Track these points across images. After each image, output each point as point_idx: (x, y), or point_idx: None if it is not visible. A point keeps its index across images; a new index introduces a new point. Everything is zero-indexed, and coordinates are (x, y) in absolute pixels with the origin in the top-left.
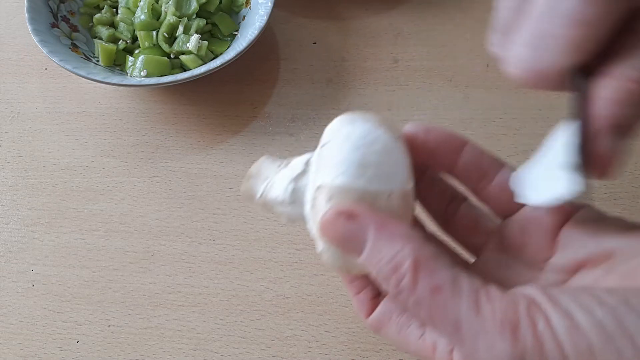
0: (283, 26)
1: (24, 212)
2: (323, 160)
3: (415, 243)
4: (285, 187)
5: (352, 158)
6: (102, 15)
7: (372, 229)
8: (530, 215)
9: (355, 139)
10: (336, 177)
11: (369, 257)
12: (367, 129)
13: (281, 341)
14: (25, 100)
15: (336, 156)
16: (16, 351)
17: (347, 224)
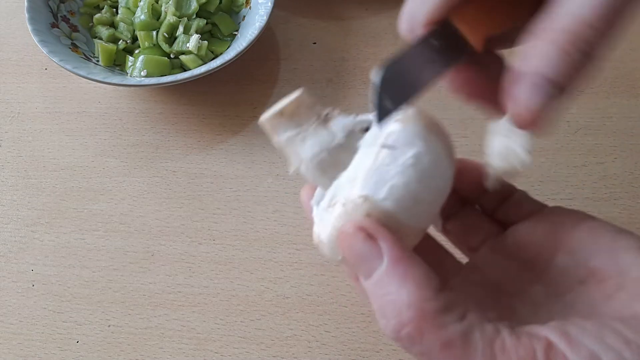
0: (283, 26)
1: (24, 212)
2: (379, 168)
3: (427, 292)
4: (316, 154)
5: (412, 189)
6: (102, 15)
7: (388, 259)
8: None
9: (423, 168)
10: (386, 199)
11: (374, 287)
12: (438, 158)
13: (281, 341)
14: (25, 100)
15: (396, 177)
16: (16, 351)
17: (365, 243)
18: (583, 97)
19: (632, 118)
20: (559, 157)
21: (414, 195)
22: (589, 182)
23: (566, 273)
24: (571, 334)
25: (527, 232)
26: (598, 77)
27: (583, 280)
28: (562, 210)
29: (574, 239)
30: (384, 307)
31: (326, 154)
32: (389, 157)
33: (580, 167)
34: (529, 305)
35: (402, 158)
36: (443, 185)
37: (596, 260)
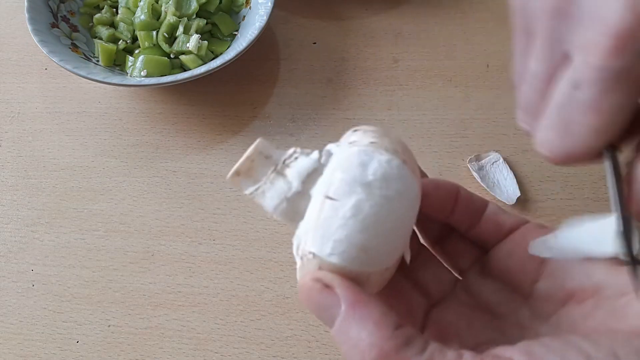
0: (283, 26)
1: (24, 212)
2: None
3: (385, 331)
4: (277, 205)
5: (355, 241)
6: (102, 15)
7: (345, 305)
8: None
9: (365, 216)
10: (332, 255)
11: (337, 333)
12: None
13: (281, 341)
14: (25, 100)
15: (338, 231)
16: (16, 351)
17: (322, 294)
18: None
19: None
20: None
21: (359, 246)
22: (589, 182)
23: (549, 296)
24: (535, 353)
25: (508, 256)
26: None
27: (564, 302)
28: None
29: (552, 262)
30: (349, 351)
31: (286, 203)
32: (330, 208)
33: (580, 167)
34: (517, 327)
35: (341, 210)
36: (396, 224)
37: (573, 282)
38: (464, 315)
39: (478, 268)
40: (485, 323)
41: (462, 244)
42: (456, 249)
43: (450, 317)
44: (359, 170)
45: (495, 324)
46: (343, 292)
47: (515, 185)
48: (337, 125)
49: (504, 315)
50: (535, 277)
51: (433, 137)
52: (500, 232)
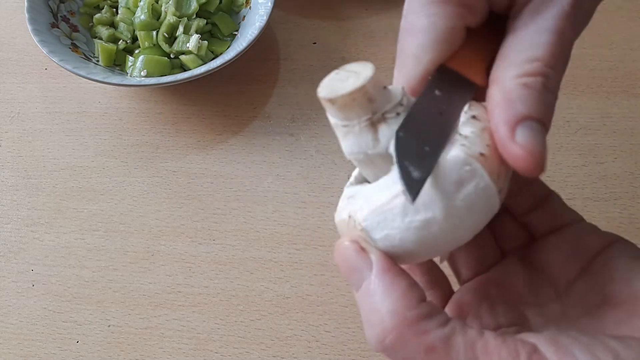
0: (283, 26)
1: (24, 212)
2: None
3: (410, 301)
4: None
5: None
6: (102, 15)
7: (376, 270)
8: (570, 235)
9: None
10: (380, 241)
11: (362, 297)
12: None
13: (281, 341)
14: (25, 100)
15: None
16: (16, 351)
17: (355, 255)
18: (583, 97)
19: (632, 118)
20: (559, 157)
21: (407, 250)
22: (589, 182)
23: (584, 297)
24: (561, 342)
25: (554, 249)
26: (598, 77)
27: (598, 305)
28: (592, 231)
29: (596, 263)
30: (370, 316)
31: (364, 156)
32: (401, 205)
33: (580, 167)
34: (543, 319)
35: (410, 216)
36: (452, 245)
37: (612, 286)
38: (488, 296)
39: (522, 253)
40: (511, 306)
41: (513, 226)
42: (505, 229)
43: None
44: (452, 188)
45: (521, 309)
46: (377, 258)
47: None
48: None
49: (533, 305)
50: (575, 276)
51: None
52: (554, 223)
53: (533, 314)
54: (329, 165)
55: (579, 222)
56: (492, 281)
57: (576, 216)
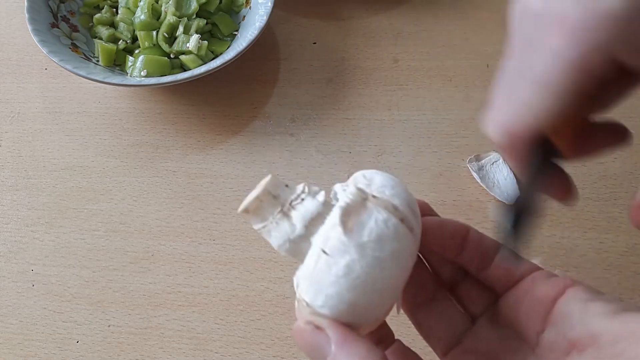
0: (283, 26)
1: (24, 212)
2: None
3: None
4: (281, 244)
5: (345, 299)
6: (102, 15)
7: (334, 344)
8: (527, 288)
9: (356, 276)
10: (323, 307)
11: None
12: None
13: (281, 341)
14: (25, 100)
15: (330, 287)
16: (16, 351)
17: (313, 335)
18: None
19: (632, 118)
20: None
21: (349, 303)
22: (589, 182)
23: (553, 346)
24: None
25: (515, 306)
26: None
27: (567, 352)
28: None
29: (555, 311)
30: None
31: (289, 244)
32: (325, 264)
33: (580, 167)
34: None
35: (334, 268)
36: (387, 283)
37: (573, 331)
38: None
39: (490, 314)
40: None
41: (476, 288)
42: (470, 293)
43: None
44: (356, 228)
45: None
46: (332, 332)
47: (515, 185)
48: (337, 125)
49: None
50: (541, 327)
51: (433, 137)
52: (511, 278)
53: None
54: (329, 165)
55: (532, 272)
56: (468, 351)
57: (530, 265)
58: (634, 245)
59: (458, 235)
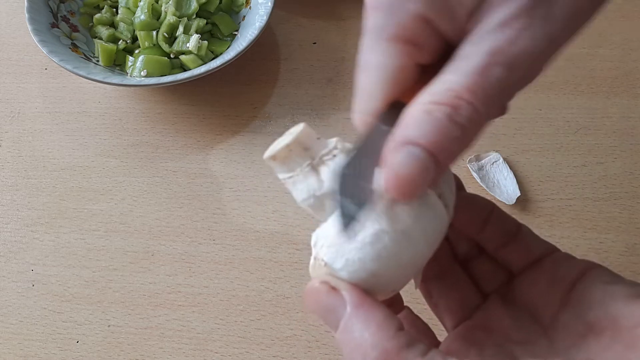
0: (283, 26)
1: (24, 212)
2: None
3: (388, 332)
4: (305, 198)
5: (367, 267)
6: (102, 15)
7: (350, 306)
8: (546, 268)
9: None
10: (342, 270)
11: (341, 334)
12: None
13: (281, 341)
14: (25, 100)
15: (353, 252)
16: (16, 351)
17: (328, 296)
18: (583, 97)
19: (632, 118)
20: (559, 157)
21: (369, 271)
22: (589, 182)
23: (569, 328)
24: None
25: (532, 285)
26: (598, 77)
27: (583, 335)
28: (566, 261)
29: (574, 293)
30: (352, 351)
31: (314, 200)
32: (352, 227)
33: (580, 167)
34: (531, 356)
35: (361, 234)
36: (412, 258)
37: (592, 314)
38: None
39: (502, 292)
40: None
41: (490, 266)
42: (484, 270)
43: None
44: (390, 204)
45: (509, 349)
46: (349, 294)
47: (515, 185)
48: (337, 125)
49: (521, 344)
50: (557, 308)
51: None
52: (529, 257)
53: (521, 352)
54: None
55: (552, 253)
56: (477, 326)
57: (549, 246)
58: (633, 245)
59: (484, 212)
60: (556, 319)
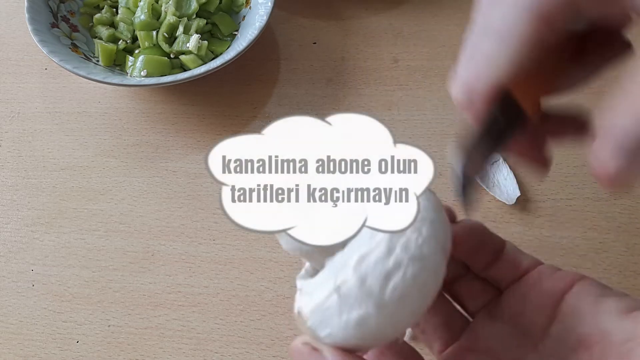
0: (283, 26)
1: (24, 212)
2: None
3: None
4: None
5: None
6: (102, 15)
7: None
8: (533, 282)
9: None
10: (326, 339)
11: None
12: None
13: (281, 341)
14: (25, 100)
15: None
16: (16, 351)
17: (311, 356)
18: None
19: None
20: (559, 157)
21: (355, 344)
22: (589, 182)
23: (559, 342)
24: None
25: (520, 300)
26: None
27: (574, 349)
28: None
29: (564, 306)
30: None
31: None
32: (336, 304)
33: (580, 167)
34: None
35: (346, 314)
36: (401, 329)
37: (583, 327)
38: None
39: (489, 310)
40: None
41: (476, 284)
42: (469, 290)
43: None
44: (379, 283)
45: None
46: (331, 355)
47: (515, 185)
48: None
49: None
50: (547, 322)
51: (433, 137)
52: (516, 272)
53: None
54: None
55: (537, 266)
56: (466, 348)
57: (534, 260)
58: (633, 245)
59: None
60: (546, 333)
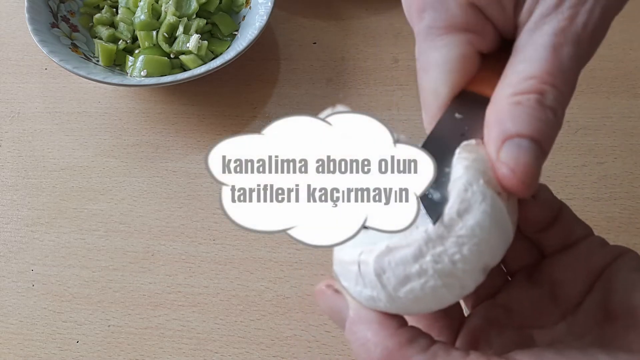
0: (283, 26)
1: (24, 212)
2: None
3: (389, 330)
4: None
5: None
6: (102, 15)
7: (352, 309)
8: (580, 253)
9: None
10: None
11: (348, 333)
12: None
13: (281, 341)
14: (25, 100)
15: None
16: (16, 351)
17: (333, 297)
18: (583, 97)
19: (632, 118)
20: (559, 157)
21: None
22: (589, 182)
23: (589, 314)
24: (545, 358)
25: (564, 269)
26: (598, 77)
27: (601, 322)
28: (600, 246)
29: (600, 280)
30: (358, 350)
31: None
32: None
33: (580, 167)
34: (548, 338)
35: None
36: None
37: (612, 301)
38: (497, 321)
39: (529, 272)
40: (517, 328)
41: (521, 245)
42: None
43: (483, 322)
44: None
45: (527, 331)
46: (351, 301)
47: None
48: None
49: (539, 328)
50: (582, 295)
51: None
52: (566, 241)
53: (540, 335)
54: None
55: (588, 237)
56: (499, 306)
57: (586, 230)
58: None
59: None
60: (580, 305)
